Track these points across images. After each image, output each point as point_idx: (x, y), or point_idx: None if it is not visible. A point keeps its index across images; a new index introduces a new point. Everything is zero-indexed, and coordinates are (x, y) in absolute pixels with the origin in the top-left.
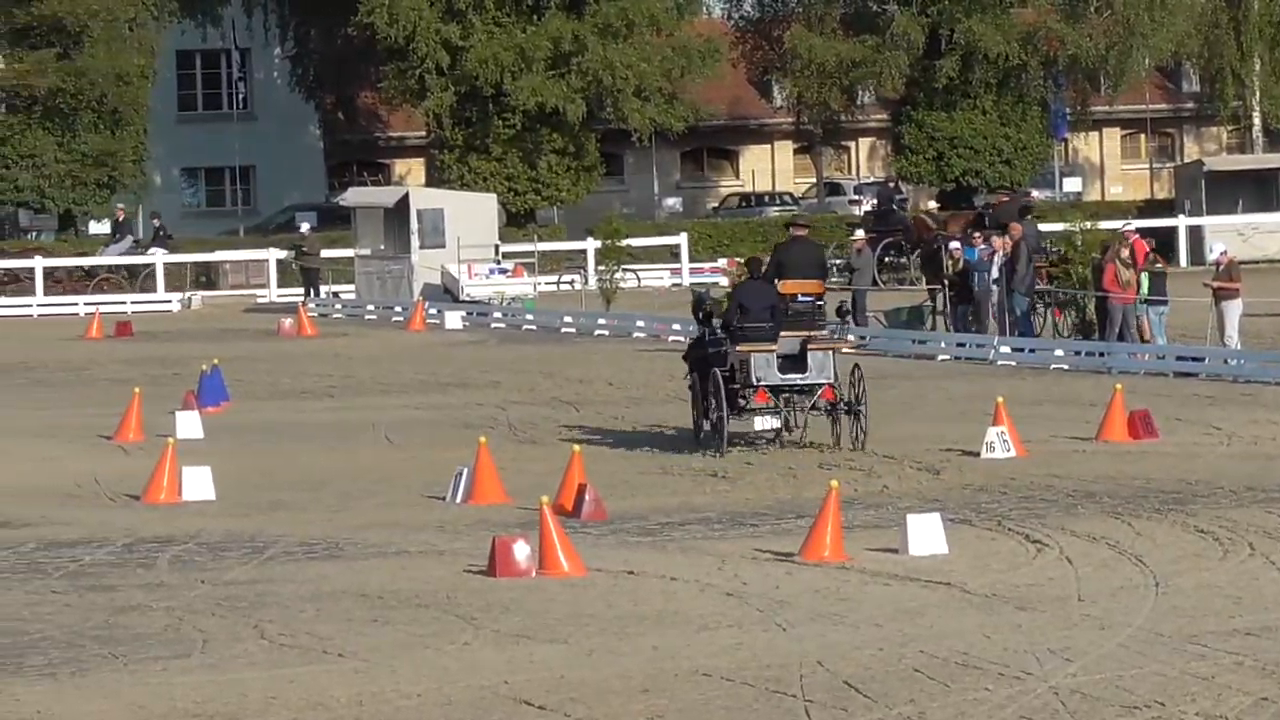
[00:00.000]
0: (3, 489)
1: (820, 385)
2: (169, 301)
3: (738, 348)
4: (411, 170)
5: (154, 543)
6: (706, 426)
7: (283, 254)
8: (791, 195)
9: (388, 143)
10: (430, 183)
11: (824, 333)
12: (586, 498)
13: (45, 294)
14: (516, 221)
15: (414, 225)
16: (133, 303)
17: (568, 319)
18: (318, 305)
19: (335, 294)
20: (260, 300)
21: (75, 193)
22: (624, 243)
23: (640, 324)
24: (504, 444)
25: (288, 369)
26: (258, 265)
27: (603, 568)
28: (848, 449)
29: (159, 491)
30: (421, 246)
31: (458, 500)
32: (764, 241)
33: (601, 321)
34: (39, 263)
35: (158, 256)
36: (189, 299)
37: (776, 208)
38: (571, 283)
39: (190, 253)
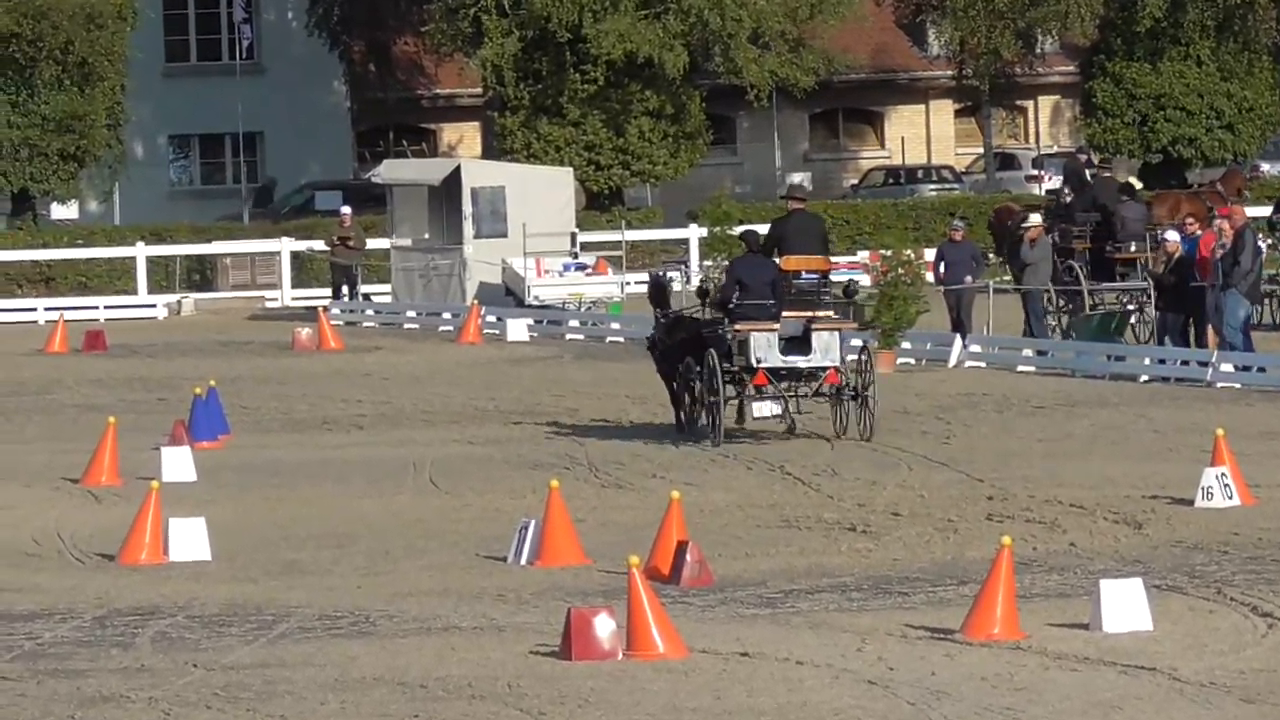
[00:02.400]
0: None
1: (825, 369)
2: (153, 306)
3: (736, 326)
4: (464, 138)
5: (133, 615)
6: (702, 419)
7: (299, 245)
8: (951, 169)
9: (433, 103)
10: (488, 154)
11: (828, 312)
12: (688, 558)
13: None
14: (599, 203)
15: (467, 208)
16: (106, 307)
17: None
18: (343, 310)
19: (366, 296)
20: (269, 304)
21: (33, 166)
22: (736, 230)
23: None
24: (582, 489)
25: (305, 392)
26: (266, 260)
27: (709, 648)
28: (853, 441)
29: (139, 550)
30: (476, 235)
31: (523, 561)
32: (917, 229)
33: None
34: None
35: None
36: (178, 303)
37: (933, 185)
38: (670, 281)
39: (180, 243)
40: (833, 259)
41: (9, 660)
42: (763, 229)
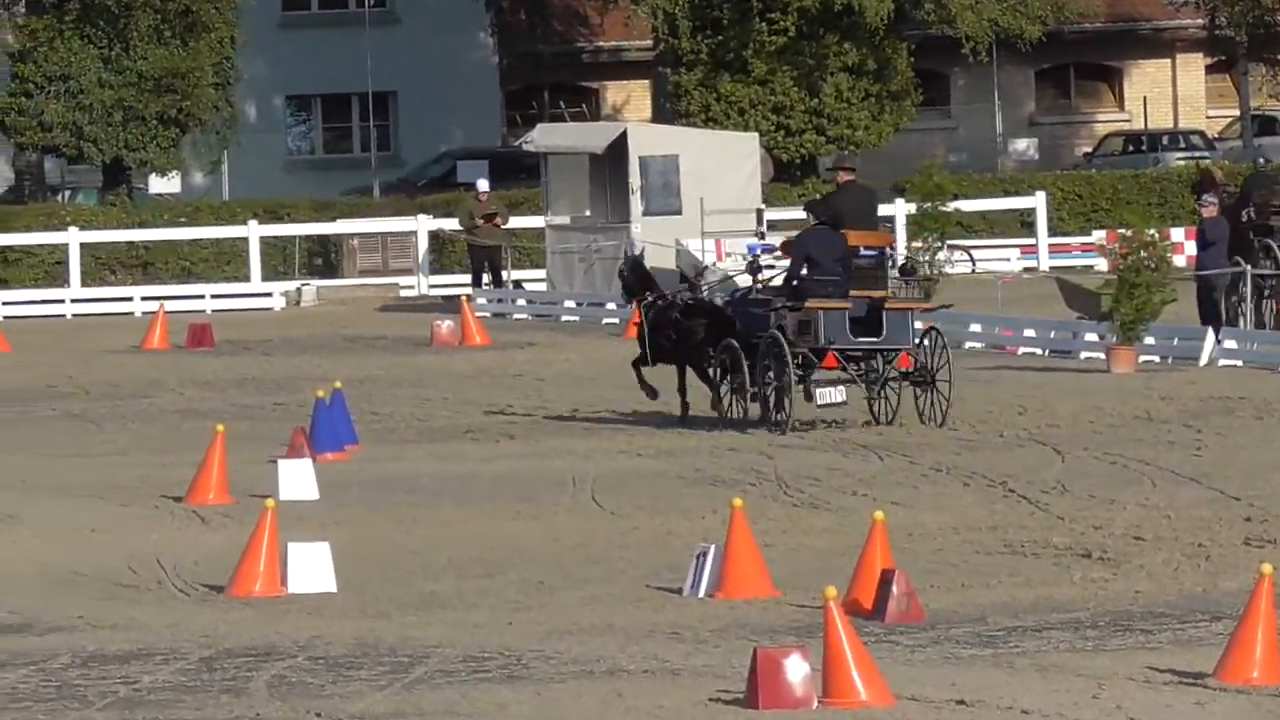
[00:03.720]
0: (22, 576)
1: (897, 351)
2: (268, 295)
3: (807, 304)
4: (631, 98)
5: (245, 656)
6: (735, 410)
7: (441, 224)
8: (1202, 134)
9: (595, 57)
10: (659, 117)
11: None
12: (895, 590)
13: (84, 283)
14: (789, 174)
15: (634, 180)
16: (213, 296)
17: None
18: (490, 300)
19: (517, 284)
20: (404, 293)
21: (128, 133)
22: (950, 206)
23: (975, 328)
24: (770, 508)
25: (445, 396)
26: (400, 241)
27: (919, 695)
28: (928, 427)
29: (253, 580)
30: (646, 212)
31: (701, 593)
32: (1161, 203)
33: (917, 325)
34: (74, 236)
35: None
36: (297, 291)
37: (1180, 153)
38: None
39: (299, 222)
40: (1056, 239)
41: (102, 708)
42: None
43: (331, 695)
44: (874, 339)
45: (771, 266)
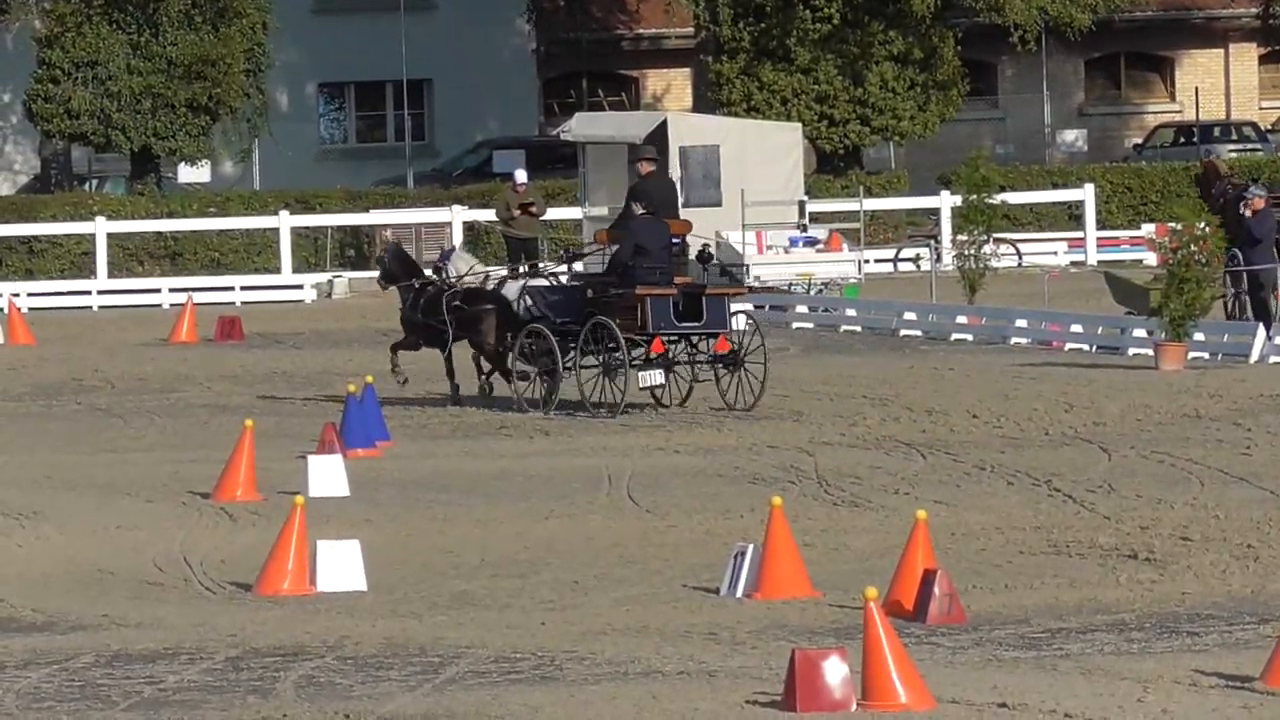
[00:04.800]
0: (47, 574)
1: (716, 335)
2: (299, 287)
3: (637, 291)
4: (671, 86)
5: (273, 656)
6: (532, 390)
7: (477, 215)
8: (1255, 126)
9: (635, 45)
10: (699, 106)
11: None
12: (936, 591)
13: (111, 274)
14: (832, 165)
15: (674, 171)
16: (243, 288)
17: (909, 315)
18: None
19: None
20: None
21: (157, 121)
22: (997, 198)
23: (1021, 324)
24: (810, 507)
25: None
26: (435, 232)
27: (960, 698)
28: (738, 410)
29: (281, 578)
30: (686, 204)
31: (738, 593)
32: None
33: (962, 320)
34: (101, 226)
35: None
36: (329, 283)
37: (1233, 145)
38: (916, 259)
39: (331, 212)
40: (1105, 233)
41: (126, 709)
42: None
43: (360, 696)
44: (695, 324)
45: (579, 257)
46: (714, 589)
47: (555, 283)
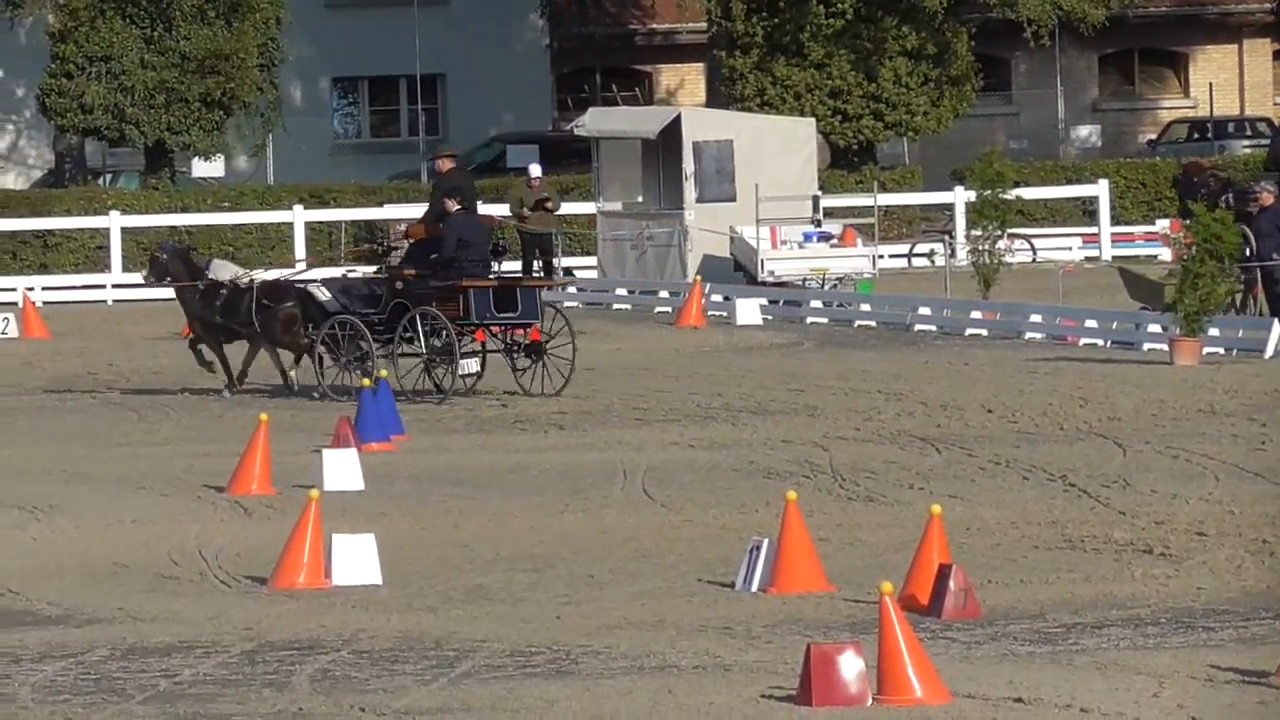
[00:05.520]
0: (62, 567)
1: (530, 324)
2: (311, 283)
3: (462, 283)
4: (685, 82)
5: (289, 649)
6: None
7: (491, 210)
8: (1269, 121)
9: (648, 40)
10: (713, 101)
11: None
12: (951, 585)
13: (126, 268)
14: (846, 160)
15: (688, 166)
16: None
17: (924, 310)
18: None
19: (568, 271)
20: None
21: (171, 115)
22: (1011, 194)
23: (1036, 319)
24: (824, 501)
25: (492, 384)
26: None
27: (976, 693)
28: (542, 395)
29: (296, 572)
30: (699, 199)
31: (753, 588)
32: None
33: (976, 315)
34: (116, 221)
35: None
36: (343, 278)
37: (1246, 141)
38: (930, 255)
39: (345, 206)
40: (1119, 228)
41: (141, 701)
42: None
43: (376, 690)
44: (511, 314)
45: (396, 249)
46: (729, 583)
47: (346, 278)
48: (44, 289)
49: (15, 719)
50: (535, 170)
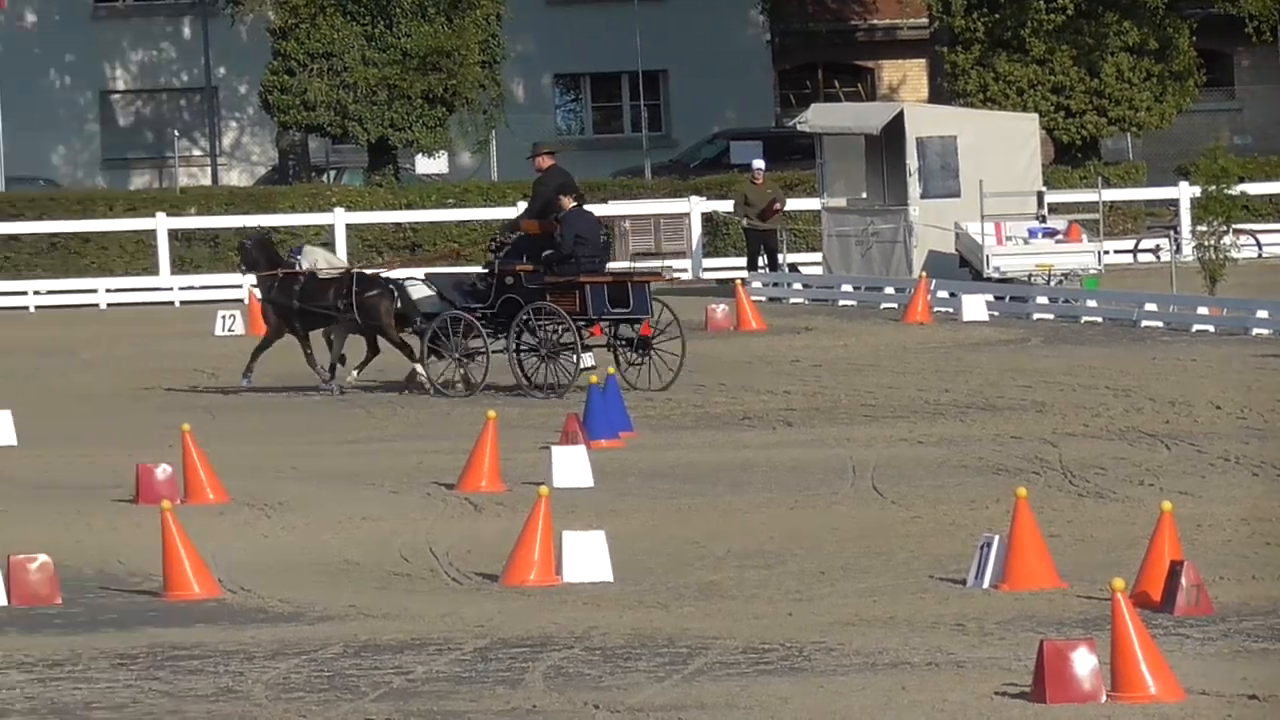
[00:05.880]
0: (294, 564)
1: (641, 319)
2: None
3: (580, 278)
4: (907, 78)
5: (521, 646)
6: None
7: (715, 205)
8: None
9: (870, 36)
10: (935, 96)
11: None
12: (1184, 582)
13: (350, 265)
14: (1070, 156)
15: (911, 162)
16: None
17: (1150, 307)
18: (765, 284)
19: (793, 267)
20: (678, 276)
21: (393, 112)
22: (1236, 189)
23: (1263, 315)
24: (1054, 498)
25: (722, 381)
26: (673, 223)
27: (1210, 689)
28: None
29: (527, 569)
30: (924, 195)
31: (984, 584)
32: None
33: (1203, 311)
34: (340, 218)
35: None
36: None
37: None
38: (1156, 250)
39: None
40: None
41: (375, 699)
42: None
43: (609, 687)
44: (624, 310)
45: (504, 245)
46: (960, 580)
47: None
48: None
49: (249, 716)
50: (759, 165)
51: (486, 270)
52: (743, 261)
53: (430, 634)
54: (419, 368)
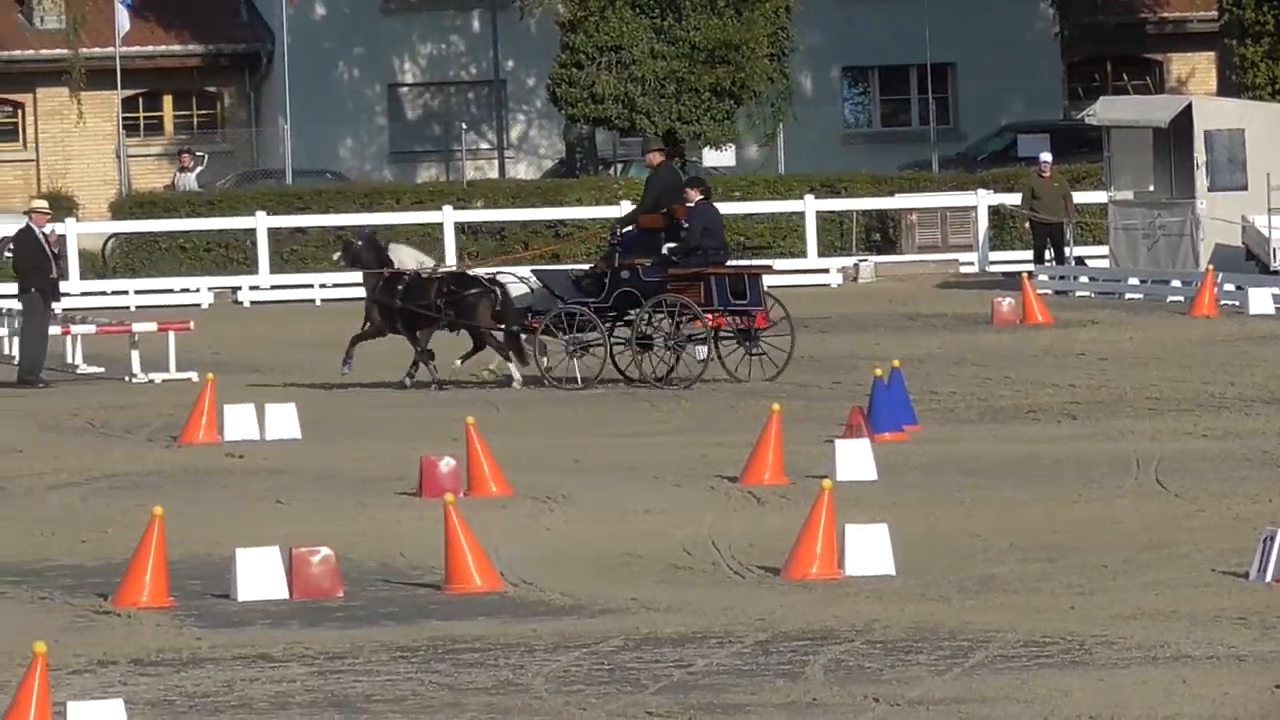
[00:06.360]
0: (575, 558)
1: (758, 310)
2: (825, 271)
3: (706, 270)
4: (1195, 71)
5: (802, 640)
6: (647, 364)
7: (1001, 198)
8: None
9: (1159, 29)
10: (1224, 90)
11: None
12: None
13: None
14: None
15: (1199, 155)
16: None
17: None
18: (1051, 277)
19: (1079, 260)
20: (964, 269)
21: (681, 105)
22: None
23: None
24: None
25: (1006, 375)
26: (959, 216)
27: None
28: (759, 381)
29: (809, 562)
30: (1211, 188)
31: (1268, 578)
32: None
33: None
34: (625, 210)
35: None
36: (855, 267)
37: None
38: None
39: (856, 196)
40: None
41: (655, 692)
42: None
43: (889, 680)
44: (742, 301)
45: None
46: (1243, 573)
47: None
48: None
49: (530, 709)
50: (1046, 158)
51: (595, 266)
52: (1029, 255)
53: (711, 627)
54: (514, 368)
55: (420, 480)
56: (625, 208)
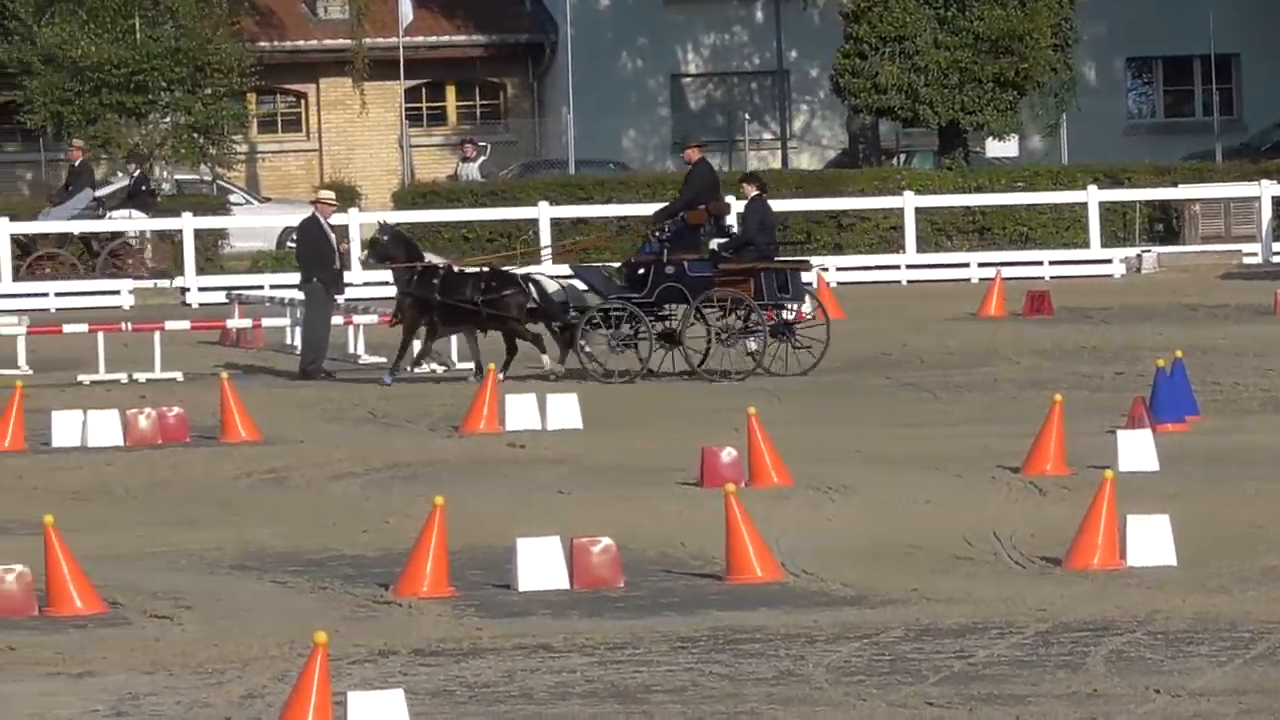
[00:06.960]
0: (856, 548)
1: (799, 304)
2: (1107, 262)
3: (757, 265)
4: None
5: (1083, 630)
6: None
7: None
8: None
9: None
10: None
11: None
12: None
13: (919, 248)
14: None
15: None
16: (1051, 263)
17: None
18: None
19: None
20: (1247, 260)
21: (964, 95)
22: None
23: None
24: None
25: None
26: (1243, 207)
27: None
28: (791, 374)
29: (1091, 552)
30: None
31: None
32: None
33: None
34: (909, 201)
35: (132, 221)
36: (1138, 258)
37: None
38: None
39: (1139, 186)
40: None
41: (935, 683)
42: None
43: (1170, 671)
44: (787, 295)
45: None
46: None
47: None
48: (838, 269)
49: (810, 700)
50: None
51: (637, 260)
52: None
53: (991, 618)
54: (547, 360)
55: (701, 471)
56: (907, 199)
